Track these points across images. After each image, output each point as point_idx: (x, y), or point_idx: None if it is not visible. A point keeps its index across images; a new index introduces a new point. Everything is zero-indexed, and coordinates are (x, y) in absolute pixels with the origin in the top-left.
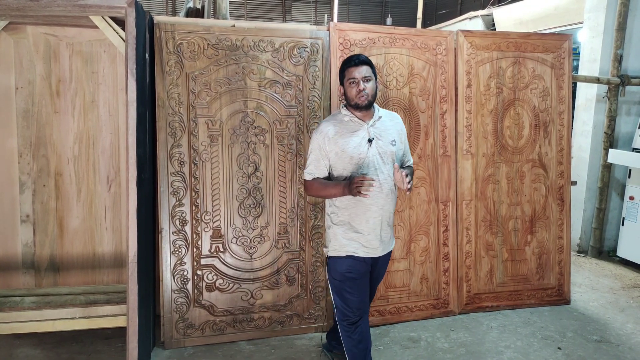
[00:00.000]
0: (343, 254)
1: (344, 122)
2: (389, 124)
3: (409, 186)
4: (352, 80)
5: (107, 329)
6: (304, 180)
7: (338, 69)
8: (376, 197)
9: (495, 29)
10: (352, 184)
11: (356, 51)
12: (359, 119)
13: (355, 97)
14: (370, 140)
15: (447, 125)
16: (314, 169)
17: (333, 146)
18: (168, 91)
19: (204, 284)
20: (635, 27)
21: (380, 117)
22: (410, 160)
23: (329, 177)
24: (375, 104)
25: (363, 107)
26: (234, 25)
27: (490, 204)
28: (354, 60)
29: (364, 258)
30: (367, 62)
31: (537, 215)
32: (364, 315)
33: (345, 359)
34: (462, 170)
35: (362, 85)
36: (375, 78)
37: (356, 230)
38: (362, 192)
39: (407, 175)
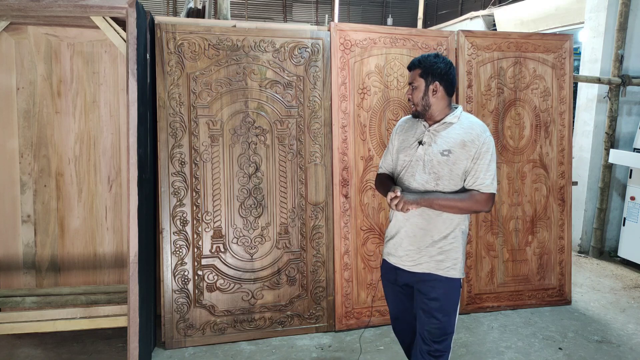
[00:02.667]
0: (384, 256)
1: (415, 120)
2: (454, 133)
3: (399, 209)
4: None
5: (108, 329)
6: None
7: (339, 69)
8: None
9: (496, 29)
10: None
11: (357, 52)
12: (425, 120)
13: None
14: (420, 143)
15: None
16: (382, 163)
17: (396, 141)
18: (169, 91)
19: (205, 284)
20: (636, 27)
21: (449, 124)
22: (475, 185)
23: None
24: (459, 110)
25: (414, 115)
26: (234, 26)
27: None
28: (408, 65)
29: (392, 265)
30: (416, 65)
31: (538, 215)
32: (398, 324)
33: None
34: None
35: (408, 93)
36: (430, 79)
37: (387, 235)
38: (390, 205)
39: (394, 198)
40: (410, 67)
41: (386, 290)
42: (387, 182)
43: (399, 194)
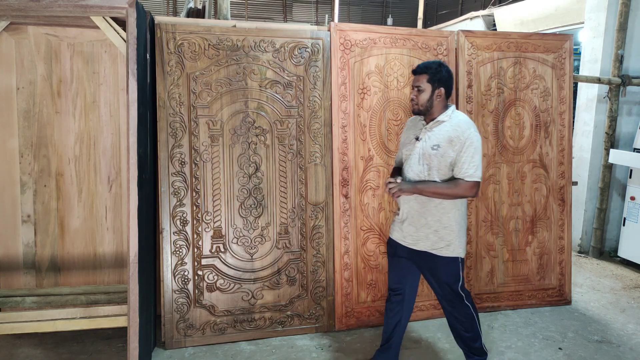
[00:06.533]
0: (390, 233)
1: (417, 119)
2: (444, 130)
3: (392, 194)
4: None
5: (108, 329)
6: None
7: (339, 69)
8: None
9: (496, 29)
10: None
11: (357, 52)
12: (424, 119)
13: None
14: (417, 139)
15: None
16: (396, 157)
17: (402, 137)
18: (169, 91)
19: (205, 284)
20: (636, 27)
21: (441, 122)
22: (460, 174)
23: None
24: (451, 109)
25: (415, 113)
26: (234, 26)
27: (491, 204)
28: (414, 69)
29: (393, 240)
30: (423, 71)
31: (538, 215)
32: (392, 296)
33: None
34: None
35: (413, 94)
36: (436, 85)
37: (395, 217)
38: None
39: (390, 183)
40: (417, 72)
41: (390, 262)
42: (394, 173)
43: (398, 180)
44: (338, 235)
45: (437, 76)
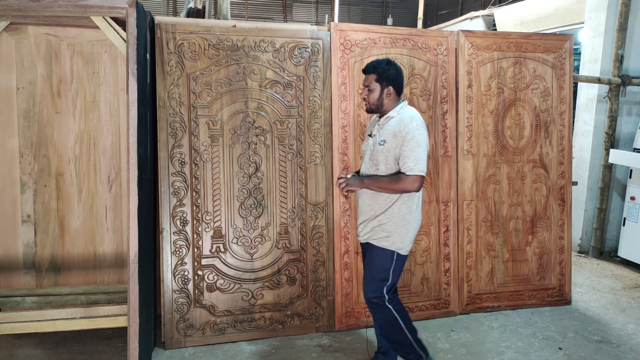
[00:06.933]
0: None
1: (375, 117)
2: (390, 125)
3: (341, 189)
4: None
5: (108, 329)
6: None
7: (339, 69)
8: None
9: (496, 29)
10: None
11: (357, 52)
12: (378, 117)
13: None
14: (370, 135)
15: (448, 126)
16: None
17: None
18: (169, 91)
19: (205, 284)
20: (636, 27)
21: (391, 117)
22: (402, 168)
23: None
24: (400, 105)
25: (368, 111)
26: (234, 26)
27: (491, 204)
28: (363, 68)
29: (358, 234)
30: (371, 70)
31: (538, 215)
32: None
33: None
34: (463, 171)
35: (364, 94)
36: (384, 84)
37: None
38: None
39: (341, 179)
40: (366, 71)
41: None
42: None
43: (348, 176)
44: (338, 235)
45: (385, 75)
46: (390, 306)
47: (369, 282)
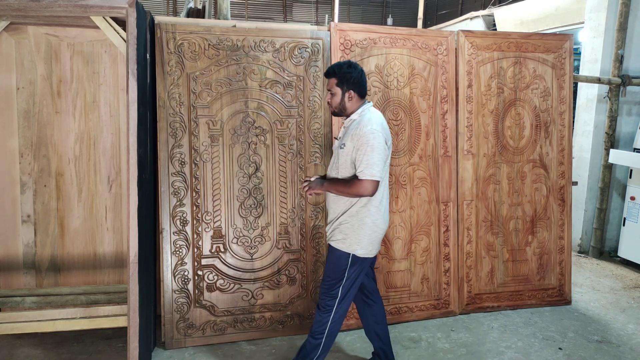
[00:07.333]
0: None
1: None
2: (352, 128)
3: (305, 192)
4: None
5: (108, 329)
6: None
7: None
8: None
9: (496, 29)
10: None
11: (357, 52)
12: (344, 119)
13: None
14: (336, 138)
15: (448, 126)
16: None
17: None
18: (169, 91)
19: (205, 284)
20: (636, 27)
21: (353, 120)
22: (357, 172)
23: None
24: (362, 108)
25: (333, 114)
26: (234, 26)
27: (491, 204)
28: (324, 72)
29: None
30: (331, 75)
31: (538, 215)
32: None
33: None
34: (463, 171)
35: (327, 98)
36: (345, 88)
37: None
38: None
39: (305, 182)
40: (327, 75)
41: None
42: None
43: (312, 179)
44: None
45: (346, 79)
46: (331, 311)
47: (325, 282)
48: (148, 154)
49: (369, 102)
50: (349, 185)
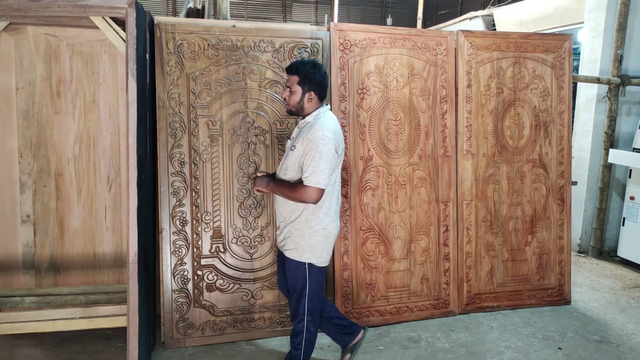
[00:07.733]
0: None
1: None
2: (304, 131)
3: (251, 188)
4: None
5: (107, 329)
6: None
7: (339, 70)
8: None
9: (495, 29)
10: None
11: (356, 52)
12: (300, 119)
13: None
14: (289, 138)
15: (448, 126)
16: None
17: None
18: (168, 91)
19: (205, 284)
20: (635, 27)
21: (307, 123)
22: (302, 177)
23: None
24: (317, 110)
25: (288, 113)
26: (234, 26)
27: (491, 204)
28: (287, 67)
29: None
30: (294, 72)
31: (538, 215)
32: (279, 282)
33: None
34: (463, 171)
35: (285, 94)
36: (306, 88)
37: None
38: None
39: (255, 179)
40: (289, 71)
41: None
42: None
43: (258, 175)
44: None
45: (308, 79)
46: (305, 321)
47: (291, 295)
48: (147, 154)
49: (326, 104)
50: (294, 189)
